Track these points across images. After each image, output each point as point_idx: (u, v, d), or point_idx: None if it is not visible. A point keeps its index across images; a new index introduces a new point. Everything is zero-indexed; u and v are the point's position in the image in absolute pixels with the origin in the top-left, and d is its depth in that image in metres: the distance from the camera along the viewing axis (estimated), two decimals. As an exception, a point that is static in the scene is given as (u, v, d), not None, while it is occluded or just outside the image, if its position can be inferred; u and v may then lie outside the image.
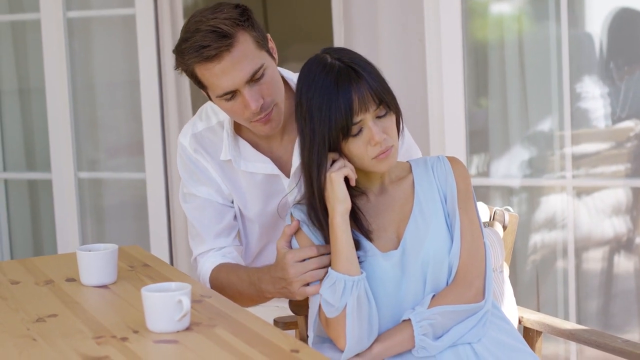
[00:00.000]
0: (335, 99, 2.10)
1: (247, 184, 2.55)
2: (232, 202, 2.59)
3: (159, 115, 4.19)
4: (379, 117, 2.14)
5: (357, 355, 2.17)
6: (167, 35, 4.13)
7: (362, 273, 2.15)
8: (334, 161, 2.17)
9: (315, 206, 2.18)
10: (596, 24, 3.75)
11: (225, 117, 2.53)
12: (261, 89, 2.36)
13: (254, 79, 2.34)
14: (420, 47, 3.75)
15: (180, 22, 4.14)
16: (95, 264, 2.36)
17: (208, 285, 2.53)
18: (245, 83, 2.33)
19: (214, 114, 2.56)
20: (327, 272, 2.18)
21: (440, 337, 2.18)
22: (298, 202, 2.28)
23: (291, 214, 2.27)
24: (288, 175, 2.52)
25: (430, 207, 2.24)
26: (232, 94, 2.35)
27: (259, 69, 2.35)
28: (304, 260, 2.22)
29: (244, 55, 2.32)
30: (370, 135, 2.13)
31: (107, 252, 2.37)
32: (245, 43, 2.33)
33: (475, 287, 2.19)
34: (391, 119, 2.17)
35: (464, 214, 2.24)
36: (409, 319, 2.17)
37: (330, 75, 2.12)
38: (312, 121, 2.14)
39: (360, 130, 2.13)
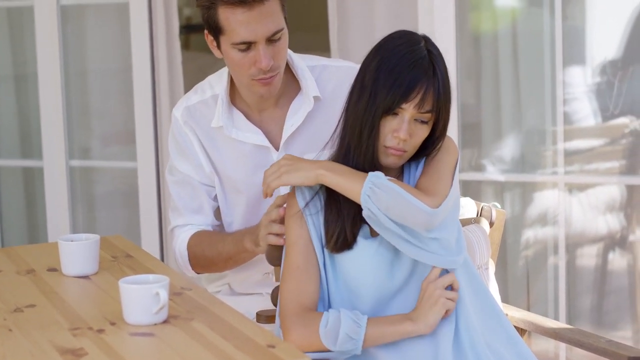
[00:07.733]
0: (403, 77, 2.07)
1: (234, 153, 2.58)
2: (213, 182, 2.61)
3: (151, 104, 4.17)
4: (416, 120, 2.11)
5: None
6: (160, 24, 4.09)
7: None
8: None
9: (360, 155, 2.12)
10: (593, 18, 3.72)
11: (221, 90, 2.56)
12: (275, 50, 2.42)
13: (273, 38, 2.41)
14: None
15: (174, 11, 4.11)
16: (77, 254, 2.34)
17: (185, 253, 2.58)
18: (264, 39, 2.39)
19: (209, 88, 2.61)
20: None
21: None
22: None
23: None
24: (277, 149, 2.56)
25: None
26: (248, 46, 2.40)
27: (280, 30, 2.42)
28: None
29: (272, 12, 2.39)
30: (399, 127, 2.09)
31: (89, 242, 2.35)
32: (275, 2, 2.40)
33: (433, 197, 2.07)
34: (425, 131, 2.13)
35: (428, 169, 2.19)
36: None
37: (413, 55, 2.09)
38: (378, 75, 2.09)
39: (396, 115, 2.10)
